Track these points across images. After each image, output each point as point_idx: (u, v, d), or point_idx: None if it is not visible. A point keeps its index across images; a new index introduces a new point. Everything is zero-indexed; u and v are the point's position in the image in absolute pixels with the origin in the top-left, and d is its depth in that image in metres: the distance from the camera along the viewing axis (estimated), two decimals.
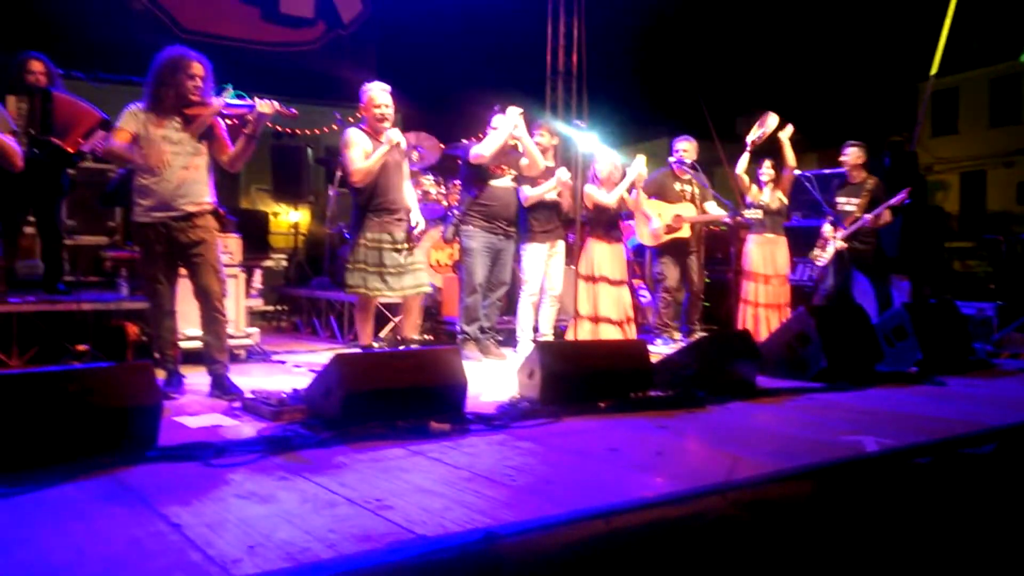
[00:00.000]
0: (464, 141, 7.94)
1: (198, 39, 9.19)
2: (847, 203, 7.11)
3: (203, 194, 4.45)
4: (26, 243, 6.16)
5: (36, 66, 5.52)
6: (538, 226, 6.41)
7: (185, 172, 4.36)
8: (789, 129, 6.97)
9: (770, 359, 5.28)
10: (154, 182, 4.33)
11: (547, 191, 6.26)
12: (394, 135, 5.32)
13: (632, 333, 6.63)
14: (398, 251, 5.34)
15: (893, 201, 6.87)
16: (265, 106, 4.38)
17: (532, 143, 6.14)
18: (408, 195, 5.54)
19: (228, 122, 4.56)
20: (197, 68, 4.36)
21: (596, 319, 6.50)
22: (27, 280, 5.82)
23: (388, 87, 5.51)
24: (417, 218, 5.48)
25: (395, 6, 11.31)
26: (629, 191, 6.60)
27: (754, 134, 6.97)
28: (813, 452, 3.34)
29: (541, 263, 6.42)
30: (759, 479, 2.93)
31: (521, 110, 5.97)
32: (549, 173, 6.38)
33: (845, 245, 6.96)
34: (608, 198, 6.55)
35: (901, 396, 4.83)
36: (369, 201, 5.34)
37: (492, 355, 6.22)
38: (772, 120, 6.95)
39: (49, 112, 5.39)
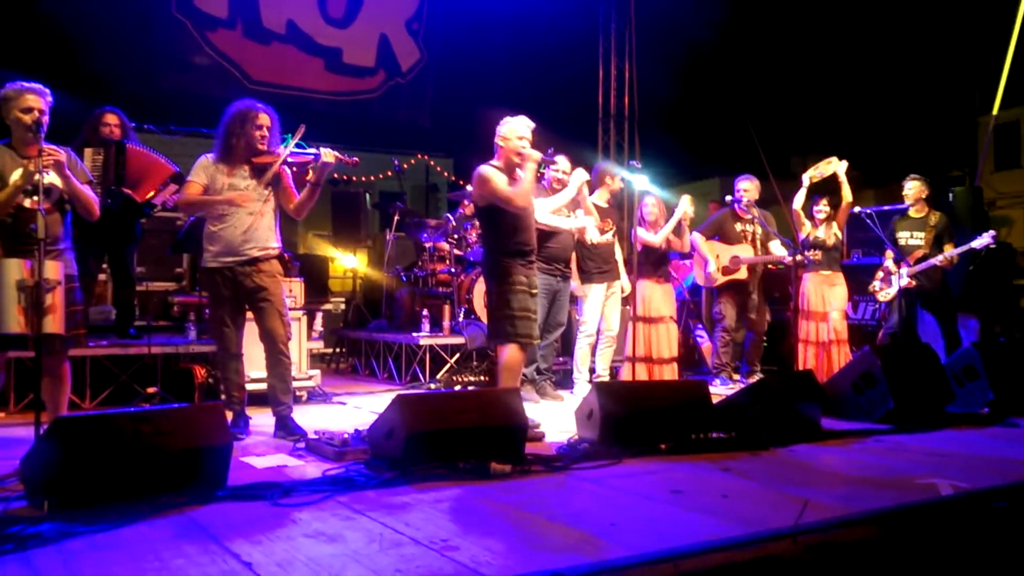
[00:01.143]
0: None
1: (266, 90, 9.58)
2: (910, 237, 6.94)
3: (269, 240, 4.58)
4: (99, 289, 6.40)
5: (110, 119, 5.77)
6: (595, 267, 6.45)
7: (252, 219, 4.50)
8: (844, 164, 6.89)
9: (834, 400, 5.18)
10: (222, 229, 4.48)
11: (562, 203, 5.99)
12: (535, 153, 4.79)
13: (676, 372, 6.62)
14: (533, 296, 4.82)
15: (977, 245, 6.64)
16: (329, 155, 4.51)
17: (591, 203, 6.04)
18: None
19: (291, 170, 4.70)
20: (264, 119, 4.53)
21: (648, 359, 6.49)
22: (99, 325, 6.02)
23: (532, 123, 4.94)
24: None
25: (449, 52, 11.57)
26: (677, 232, 6.62)
27: (814, 171, 6.91)
28: (884, 496, 3.26)
29: (599, 304, 6.45)
30: (830, 523, 2.87)
31: (587, 177, 5.59)
32: (608, 214, 6.50)
33: (912, 282, 6.77)
34: (655, 239, 6.58)
35: (973, 438, 4.69)
36: (508, 241, 4.73)
37: (549, 396, 6.22)
38: (837, 166, 6.86)
39: (123, 164, 5.61)
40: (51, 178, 3.86)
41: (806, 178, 6.88)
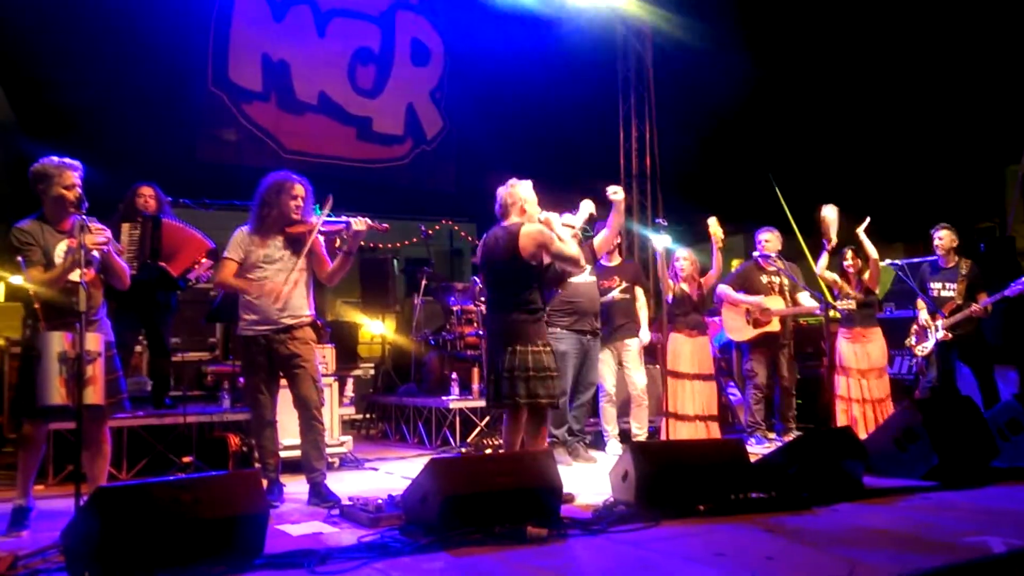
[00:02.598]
0: None
1: (300, 159, 9.85)
2: (943, 288, 6.86)
3: (303, 308, 4.64)
4: (134, 360, 6.47)
5: (145, 191, 5.90)
6: (605, 326, 6.47)
7: (286, 288, 4.57)
8: (865, 222, 6.84)
9: (875, 457, 5.07)
10: (256, 298, 4.56)
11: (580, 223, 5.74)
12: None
13: (716, 430, 6.52)
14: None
15: (1011, 292, 6.55)
16: (360, 224, 4.59)
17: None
18: None
19: (323, 238, 4.78)
20: (299, 190, 4.64)
21: (675, 415, 6.39)
22: (135, 396, 6.07)
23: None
24: None
25: (470, 120, 11.81)
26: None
27: (828, 232, 6.85)
28: (934, 555, 3.18)
29: (611, 363, 6.53)
30: None
31: (592, 209, 5.64)
32: (617, 271, 6.61)
33: (948, 335, 6.67)
34: (713, 271, 6.64)
35: (1023, 494, 4.56)
36: (532, 298, 4.71)
37: (582, 458, 6.14)
38: (828, 210, 6.83)
39: (158, 238, 5.72)
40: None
41: (826, 243, 6.83)
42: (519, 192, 4.81)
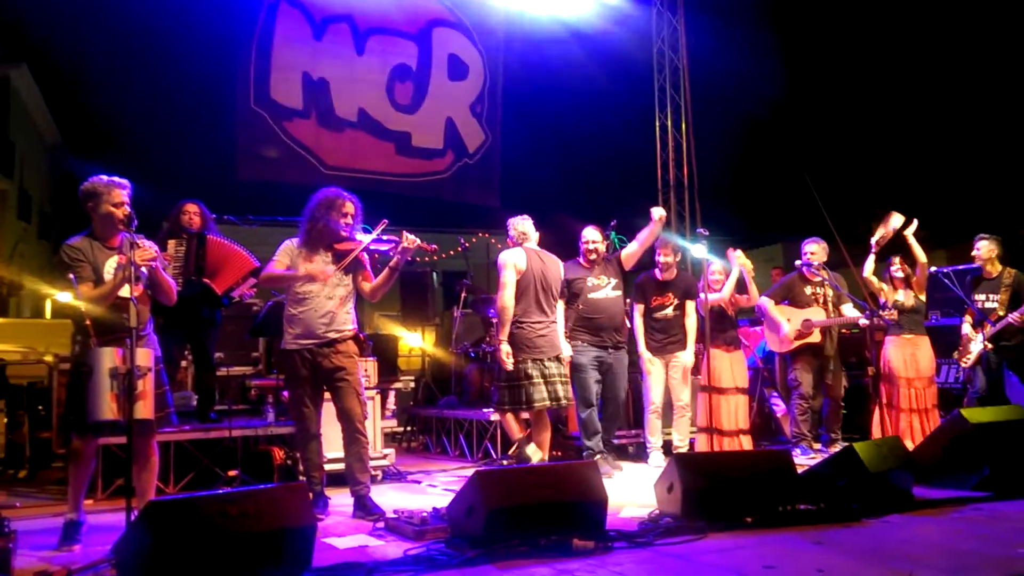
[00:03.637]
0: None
1: (340, 175, 10.01)
2: (987, 300, 6.73)
3: (346, 322, 4.69)
4: (180, 375, 6.58)
5: (190, 208, 6.00)
6: (654, 340, 6.50)
7: (330, 303, 4.62)
8: (913, 225, 6.74)
9: (924, 467, 4.97)
10: (302, 312, 4.61)
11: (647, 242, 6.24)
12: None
13: (747, 443, 6.46)
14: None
15: None
16: (409, 242, 4.61)
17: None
18: None
19: (371, 256, 4.82)
20: (349, 207, 4.69)
21: (711, 430, 6.33)
22: (181, 411, 6.16)
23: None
24: None
25: (510, 132, 11.90)
26: (740, 289, 6.58)
27: (878, 234, 6.77)
28: (991, 566, 3.11)
29: (660, 376, 6.49)
30: None
31: (663, 213, 6.25)
32: (672, 287, 6.55)
33: (991, 345, 6.55)
34: (719, 296, 6.54)
35: None
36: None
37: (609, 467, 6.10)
38: (896, 219, 6.73)
39: (203, 255, 5.81)
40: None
41: (872, 242, 6.74)
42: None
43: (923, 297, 6.87)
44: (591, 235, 6.30)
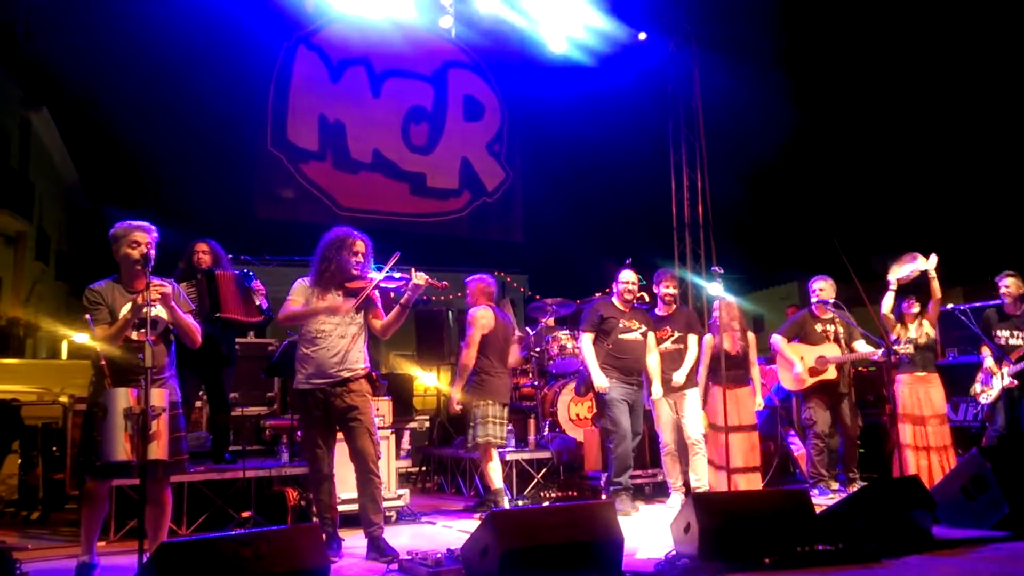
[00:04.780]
0: (597, 295, 8.08)
1: (354, 215, 10.14)
2: (1011, 336, 6.67)
3: (359, 361, 4.69)
4: (194, 416, 6.59)
5: (200, 247, 6.06)
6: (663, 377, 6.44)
7: (343, 341, 4.64)
8: (934, 259, 6.70)
9: (943, 506, 4.89)
10: (315, 351, 4.62)
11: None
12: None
13: (756, 481, 6.41)
14: None
15: None
16: (419, 279, 4.64)
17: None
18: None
19: (382, 295, 4.84)
20: (360, 246, 4.73)
21: (720, 468, 6.27)
22: (195, 451, 6.16)
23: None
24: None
25: (532, 170, 12.02)
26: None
27: (898, 273, 6.73)
28: None
29: (667, 415, 6.44)
30: None
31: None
32: (670, 321, 6.54)
33: (1015, 382, 6.48)
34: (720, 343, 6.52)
35: None
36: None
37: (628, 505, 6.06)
38: (922, 261, 6.69)
39: (215, 290, 5.84)
40: (158, 310, 4.07)
41: (892, 280, 6.71)
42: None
43: (934, 334, 6.82)
44: (630, 277, 6.44)
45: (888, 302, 6.77)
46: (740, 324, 6.65)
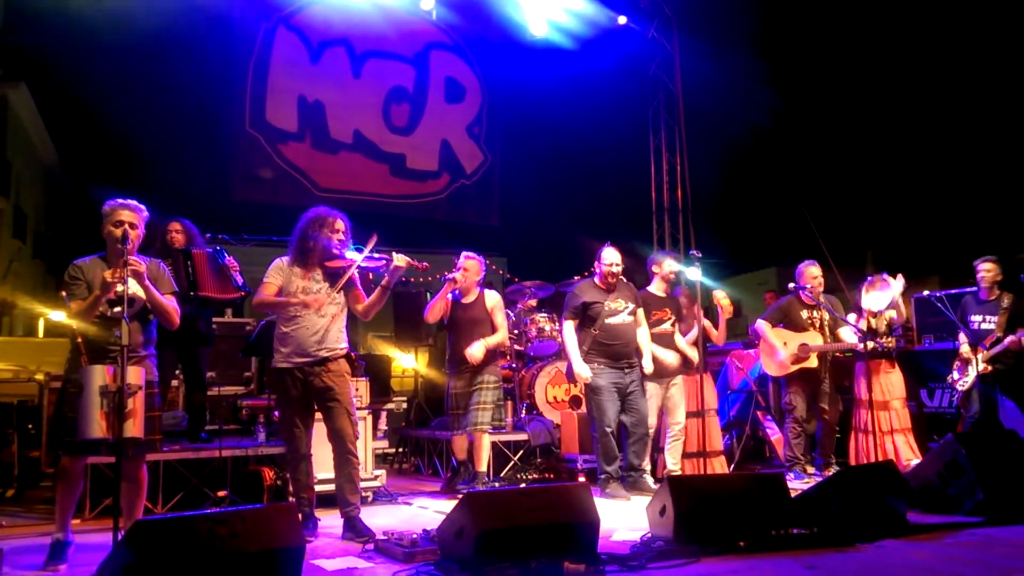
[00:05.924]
0: (576, 278, 8.07)
1: (334, 196, 10.06)
2: (984, 321, 6.73)
3: (338, 341, 4.67)
4: (170, 395, 6.55)
5: (173, 227, 5.99)
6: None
7: (324, 321, 4.61)
8: (901, 280, 6.70)
9: (918, 492, 4.95)
10: (294, 330, 4.59)
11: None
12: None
13: (720, 466, 6.49)
14: None
15: None
16: (401, 260, 4.62)
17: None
18: None
19: (363, 275, 4.81)
20: (339, 225, 4.70)
21: (694, 453, 6.36)
22: (171, 430, 6.13)
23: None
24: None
25: (511, 153, 11.98)
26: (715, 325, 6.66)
27: (873, 304, 6.68)
28: None
29: (656, 397, 6.39)
30: None
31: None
32: (669, 303, 6.51)
33: (989, 368, 6.53)
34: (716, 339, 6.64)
35: None
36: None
37: (620, 496, 5.98)
38: (893, 286, 6.68)
39: (192, 269, 5.79)
40: (134, 288, 4.02)
41: (866, 309, 6.71)
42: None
43: (898, 318, 6.84)
44: (613, 257, 6.20)
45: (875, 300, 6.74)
46: (696, 312, 6.55)
